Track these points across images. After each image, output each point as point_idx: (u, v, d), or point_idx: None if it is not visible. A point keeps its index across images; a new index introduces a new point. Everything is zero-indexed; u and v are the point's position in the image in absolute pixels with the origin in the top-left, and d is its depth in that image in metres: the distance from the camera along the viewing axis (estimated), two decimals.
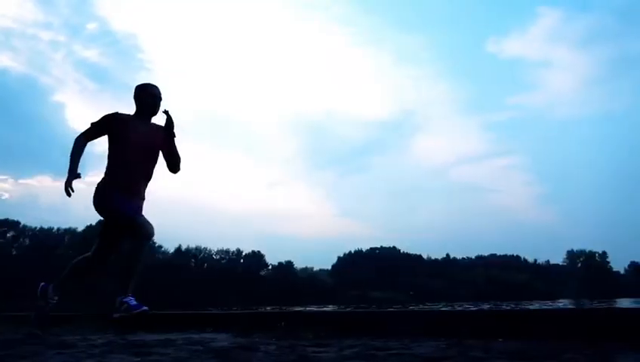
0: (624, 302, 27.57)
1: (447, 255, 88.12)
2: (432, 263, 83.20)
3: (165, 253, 70.18)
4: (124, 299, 2.81)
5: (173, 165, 3.22)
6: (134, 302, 2.80)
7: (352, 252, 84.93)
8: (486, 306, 17.14)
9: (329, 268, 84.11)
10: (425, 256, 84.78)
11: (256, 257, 76.94)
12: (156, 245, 69.53)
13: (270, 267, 77.41)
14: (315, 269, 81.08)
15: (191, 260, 72.46)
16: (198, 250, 74.21)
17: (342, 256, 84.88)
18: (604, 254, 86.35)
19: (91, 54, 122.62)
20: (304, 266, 79.94)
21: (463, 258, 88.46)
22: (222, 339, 2.53)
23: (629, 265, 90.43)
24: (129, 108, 3.18)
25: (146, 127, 3.14)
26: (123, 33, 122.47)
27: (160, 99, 3.19)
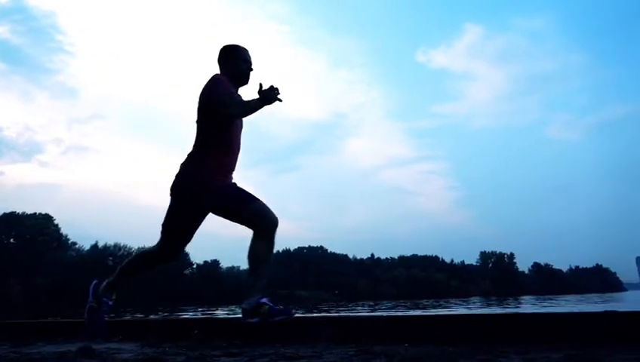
0: (527, 299, 30.28)
1: (372, 255, 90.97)
2: (358, 263, 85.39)
3: (80, 250, 65.54)
4: (262, 301, 2.19)
5: None
6: (276, 306, 2.21)
7: (280, 251, 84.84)
8: (394, 308, 17.88)
9: None
10: (351, 256, 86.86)
11: (180, 255, 74.28)
12: (69, 242, 64.78)
13: (195, 266, 75.11)
14: (242, 268, 79.96)
15: (108, 258, 68.26)
16: (117, 247, 70.11)
17: None
18: (511, 255, 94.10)
19: (1, 31, 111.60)
20: (231, 265, 78.54)
21: (387, 258, 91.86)
22: (127, 350, 2.41)
23: (532, 266, 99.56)
24: (44, 93, 2.72)
25: None
26: (40, 10, 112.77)
27: (252, 67, 2.54)
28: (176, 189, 2.39)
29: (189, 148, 2.48)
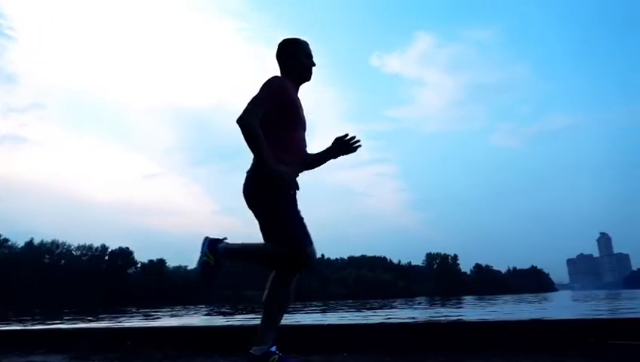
0: (468, 300, 31.66)
1: (322, 255, 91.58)
2: None
3: (12, 247, 61.39)
4: (273, 349, 2.03)
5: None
6: (289, 358, 2.05)
7: None
8: (342, 310, 18.08)
9: None
10: None
11: (124, 254, 71.31)
12: (1, 238, 60.49)
13: (139, 265, 72.38)
14: (190, 268, 77.90)
15: (45, 256, 64.36)
16: (54, 244, 66.31)
17: None
18: (455, 257, 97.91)
19: None
20: (178, 265, 76.37)
21: (337, 258, 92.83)
22: None
23: (474, 267, 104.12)
24: None
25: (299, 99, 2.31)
26: None
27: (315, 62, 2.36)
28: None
29: (135, 140, 2.29)
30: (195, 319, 12.41)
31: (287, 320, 2.27)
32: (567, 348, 2.02)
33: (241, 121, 2.04)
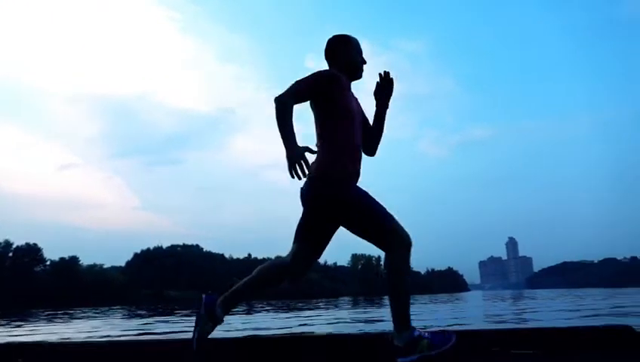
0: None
1: (249, 254, 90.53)
2: (234, 262, 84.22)
3: None
4: (416, 333, 1.87)
5: (373, 147, 2.39)
6: (436, 337, 1.88)
7: (151, 248, 79.94)
8: (265, 311, 18.02)
9: (123, 264, 77.24)
10: (227, 256, 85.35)
11: (31, 251, 65.47)
12: None
13: (48, 263, 66.84)
14: (105, 266, 73.28)
15: None
16: None
17: (139, 252, 79.08)
18: (379, 258, 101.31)
19: None
20: (92, 263, 71.51)
21: (264, 258, 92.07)
22: None
23: None
24: None
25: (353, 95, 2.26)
26: None
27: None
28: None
29: (52, 129, 2.11)
30: (102, 325, 11.72)
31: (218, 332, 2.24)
32: (470, 359, 2.06)
33: (276, 98, 2.00)
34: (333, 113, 2.10)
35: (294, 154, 1.93)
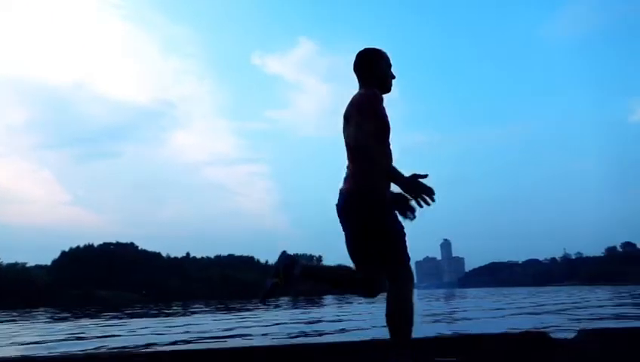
0: (328, 299, 33.26)
1: (188, 253, 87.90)
2: (171, 261, 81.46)
3: None
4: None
5: None
6: None
7: (81, 247, 75.39)
8: (204, 313, 17.63)
9: (49, 263, 72.24)
10: (164, 254, 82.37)
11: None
12: None
13: None
14: (28, 265, 68.09)
15: None
16: None
17: (67, 250, 74.32)
18: (319, 258, 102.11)
19: None
20: (13, 261, 66.17)
21: (203, 257, 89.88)
22: None
23: None
24: None
25: None
26: None
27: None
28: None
29: None
30: (21, 330, 10.97)
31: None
32: None
33: (359, 145, 1.98)
34: (382, 135, 2.11)
35: (409, 187, 2.00)
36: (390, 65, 2.27)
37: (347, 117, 2.10)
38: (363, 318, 9.50)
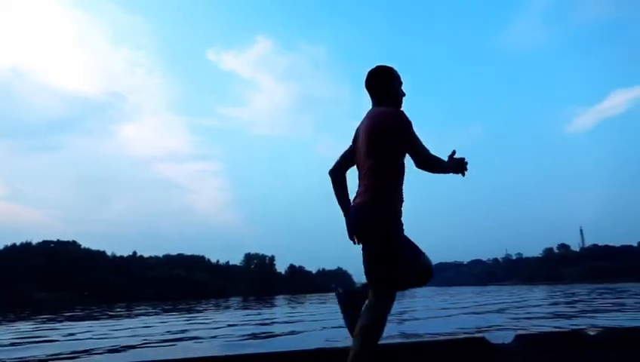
0: (279, 300, 33.20)
1: (135, 252, 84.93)
2: (117, 260, 78.32)
3: None
4: None
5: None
6: None
7: (18, 245, 70.85)
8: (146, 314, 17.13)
9: None
10: (109, 253, 79.06)
11: None
12: None
13: None
14: None
15: None
16: None
17: (2, 248, 69.59)
18: (272, 258, 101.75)
19: None
20: None
21: (151, 256, 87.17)
22: None
23: (288, 267, 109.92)
24: None
25: None
26: None
27: None
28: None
29: None
30: None
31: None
32: None
33: (432, 169, 2.20)
34: (402, 154, 2.18)
35: (454, 167, 2.25)
36: (401, 83, 2.35)
37: (374, 132, 2.15)
38: (314, 319, 9.54)
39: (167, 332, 7.61)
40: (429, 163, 2.17)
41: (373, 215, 2.08)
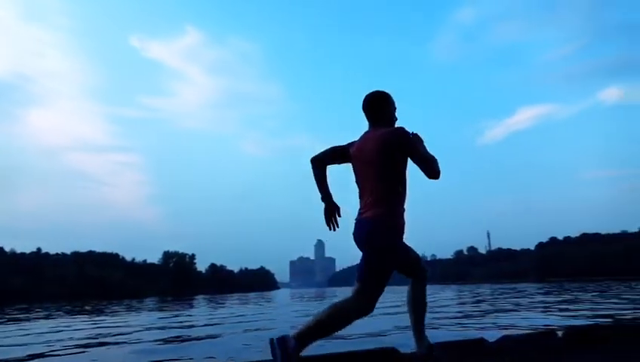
0: (199, 299, 32.26)
1: (39, 249, 77.90)
2: (17, 257, 71.32)
3: None
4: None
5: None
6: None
7: None
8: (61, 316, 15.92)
9: None
10: (8, 249, 71.77)
11: None
12: None
13: None
14: None
15: None
16: None
17: None
18: (192, 256, 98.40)
19: None
20: None
21: (57, 253, 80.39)
22: None
23: (209, 266, 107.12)
24: None
25: None
26: None
27: None
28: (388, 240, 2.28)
29: None
30: None
31: None
32: None
33: (437, 175, 2.33)
34: (403, 168, 2.35)
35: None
36: (395, 108, 2.55)
37: (383, 150, 2.29)
38: (231, 321, 9.39)
39: (70, 338, 7.08)
40: (435, 169, 2.33)
41: (380, 229, 2.25)
